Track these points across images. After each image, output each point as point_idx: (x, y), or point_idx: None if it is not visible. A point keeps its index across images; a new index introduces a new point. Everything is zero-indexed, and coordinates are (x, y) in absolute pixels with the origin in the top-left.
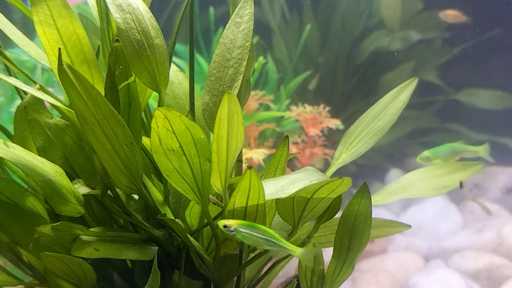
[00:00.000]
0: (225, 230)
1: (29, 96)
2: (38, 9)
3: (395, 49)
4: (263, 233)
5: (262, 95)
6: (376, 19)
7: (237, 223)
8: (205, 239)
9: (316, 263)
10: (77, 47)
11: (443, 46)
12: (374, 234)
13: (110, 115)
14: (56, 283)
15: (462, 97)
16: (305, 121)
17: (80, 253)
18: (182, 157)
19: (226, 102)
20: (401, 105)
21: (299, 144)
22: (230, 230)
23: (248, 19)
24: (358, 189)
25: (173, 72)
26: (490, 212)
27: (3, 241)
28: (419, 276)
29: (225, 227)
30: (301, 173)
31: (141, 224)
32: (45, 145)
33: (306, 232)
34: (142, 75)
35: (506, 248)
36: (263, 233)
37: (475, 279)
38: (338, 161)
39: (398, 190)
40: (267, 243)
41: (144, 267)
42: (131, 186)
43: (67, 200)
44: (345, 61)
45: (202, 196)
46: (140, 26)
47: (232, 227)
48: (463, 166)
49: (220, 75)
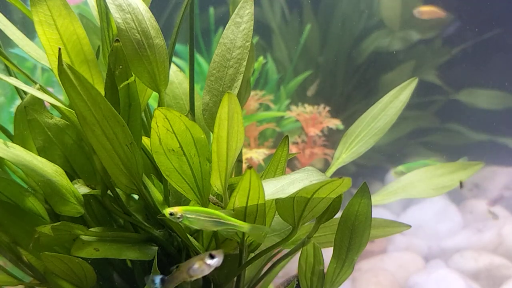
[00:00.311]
0: (172, 218)
1: (29, 96)
2: (38, 9)
3: (395, 49)
4: (210, 216)
5: (262, 95)
6: (376, 19)
7: (182, 209)
8: (205, 239)
9: (316, 263)
10: (77, 47)
11: (443, 46)
12: (374, 234)
13: (110, 115)
14: (56, 283)
15: (462, 97)
16: (305, 121)
17: (80, 253)
18: (182, 157)
19: (226, 102)
20: (401, 105)
21: (299, 144)
22: (176, 217)
23: (248, 19)
24: (358, 189)
25: (173, 72)
26: (497, 217)
27: (3, 241)
28: (419, 276)
29: (171, 214)
30: (301, 173)
31: (141, 224)
32: (45, 145)
33: (306, 232)
34: (142, 75)
35: (506, 248)
36: (210, 216)
37: (475, 279)
38: (338, 161)
39: (398, 190)
40: (215, 224)
41: (144, 267)
42: (131, 186)
43: (67, 200)
44: (345, 61)
45: (202, 196)
46: (140, 26)
47: (178, 213)
48: (463, 166)
49: (220, 75)
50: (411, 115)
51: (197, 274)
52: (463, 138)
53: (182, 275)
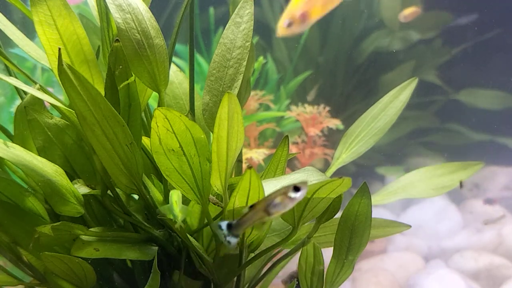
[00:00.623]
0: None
1: (29, 96)
2: (38, 9)
3: (395, 49)
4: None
5: (262, 95)
6: (376, 19)
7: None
8: (205, 239)
9: (316, 263)
10: (77, 47)
11: (443, 46)
12: (374, 234)
13: (110, 115)
14: (56, 283)
15: (462, 97)
16: (305, 121)
17: (80, 253)
18: (182, 157)
19: (226, 102)
20: (401, 105)
21: (299, 144)
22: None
23: (248, 19)
24: (358, 189)
25: (173, 72)
26: (504, 216)
27: (3, 241)
28: (419, 276)
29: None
30: (301, 173)
31: (141, 224)
32: (45, 145)
33: (306, 232)
34: (142, 75)
35: (506, 248)
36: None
37: (475, 279)
38: (338, 161)
39: (398, 190)
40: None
41: (144, 267)
42: (131, 186)
43: (67, 200)
44: (345, 61)
45: (202, 196)
46: (140, 26)
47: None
48: (463, 166)
49: (220, 75)
50: (411, 115)
51: (279, 211)
52: (463, 138)
53: (258, 214)
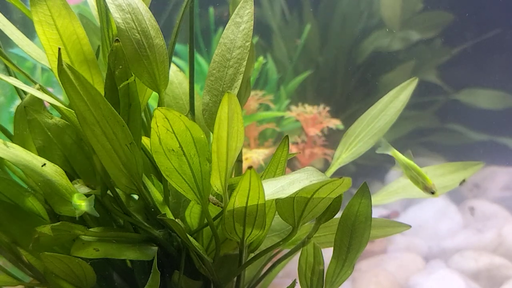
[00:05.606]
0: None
1: (29, 96)
2: (38, 9)
3: (395, 49)
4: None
5: (262, 95)
6: (376, 19)
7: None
8: (205, 239)
9: (316, 263)
10: (77, 47)
11: (443, 46)
12: (374, 234)
13: (110, 115)
14: (56, 283)
15: (462, 97)
16: (305, 121)
17: (80, 253)
18: (182, 157)
19: (226, 102)
20: (401, 105)
21: (299, 144)
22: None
23: (248, 19)
24: (358, 189)
25: (173, 72)
26: (473, 212)
27: (3, 241)
28: (419, 276)
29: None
30: (301, 173)
31: (141, 224)
32: (45, 145)
33: (306, 232)
34: (142, 75)
35: (506, 248)
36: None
37: (475, 279)
38: (338, 161)
39: (398, 190)
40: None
41: (144, 267)
42: (131, 186)
43: (67, 200)
44: (345, 61)
45: (202, 196)
46: (140, 26)
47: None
48: (463, 166)
49: (220, 75)
50: (411, 115)
51: None
52: (463, 138)
53: None
